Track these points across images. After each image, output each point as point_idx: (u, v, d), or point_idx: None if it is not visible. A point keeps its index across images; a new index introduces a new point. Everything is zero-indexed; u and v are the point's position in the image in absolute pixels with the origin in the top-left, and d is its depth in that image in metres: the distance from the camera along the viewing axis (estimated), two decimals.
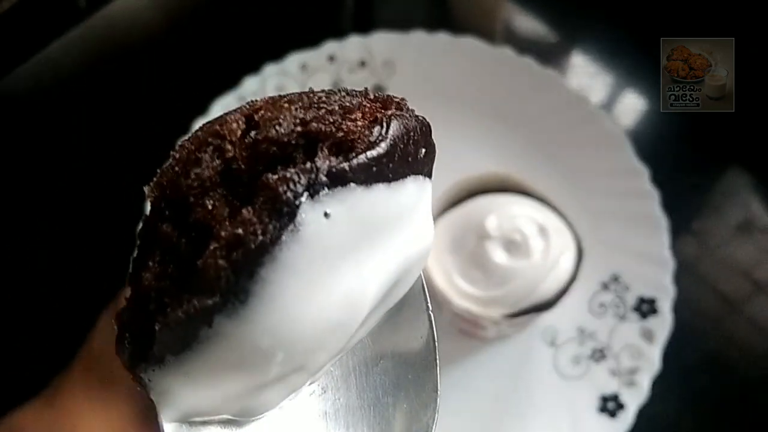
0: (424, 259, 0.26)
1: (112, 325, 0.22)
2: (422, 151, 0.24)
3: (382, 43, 0.74)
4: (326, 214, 0.20)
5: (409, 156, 0.23)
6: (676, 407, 0.59)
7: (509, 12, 0.87)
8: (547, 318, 0.59)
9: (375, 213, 0.22)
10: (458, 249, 0.55)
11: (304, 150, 0.21)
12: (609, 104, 0.76)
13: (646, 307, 0.60)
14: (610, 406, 0.56)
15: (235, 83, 0.70)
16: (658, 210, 0.62)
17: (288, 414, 0.26)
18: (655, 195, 0.63)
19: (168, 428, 0.23)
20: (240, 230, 0.19)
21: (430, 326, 0.28)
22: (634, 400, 0.56)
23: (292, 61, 0.72)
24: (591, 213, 0.64)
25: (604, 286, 0.62)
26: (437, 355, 0.28)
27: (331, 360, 0.24)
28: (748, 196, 0.71)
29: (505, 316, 0.53)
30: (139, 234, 0.22)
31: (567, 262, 0.54)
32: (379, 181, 0.22)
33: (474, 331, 0.59)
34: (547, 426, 0.57)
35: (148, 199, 0.22)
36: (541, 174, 0.64)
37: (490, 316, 0.53)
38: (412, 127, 0.23)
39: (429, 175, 0.25)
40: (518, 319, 0.54)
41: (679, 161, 0.71)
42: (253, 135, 0.21)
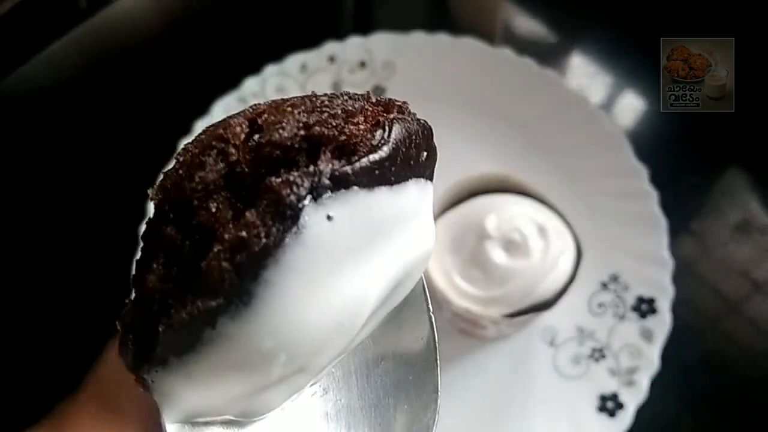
0: (426, 262, 0.26)
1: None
2: (424, 155, 0.24)
3: (382, 43, 0.74)
4: (329, 217, 0.20)
5: (411, 159, 0.23)
6: (675, 407, 0.59)
7: (509, 12, 0.87)
8: (547, 318, 0.60)
9: (377, 216, 0.22)
10: (458, 249, 0.55)
11: (307, 153, 0.21)
12: (608, 104, 0.76)
13: (646, 307, 0.60)
14: (609, 405, 0.57)
15: (236, 84, 0.71)
16: (657, 210, 0.62)
17: (290, 415, 0.26)
18: (654, 195, 0.63)
19: (171, 429, 0.23)
20: (243, 233, 0.19)
21: (430, 327, 0.28)
22: (634, 399, 0.56)
23: (293, 61, 0.72)
24: (590, 213, 0.64)
25: (604, 285, 0.62)
26: (438, 355, 0.28)
27: (332, 361, 0.25)
28: (748, 196, 0.71)
29: (505, 315, 0.53)
30: (143, 236, 0.22)
31: (566, 262, 0.54)
32: (382, 185, 0.22)
33: (474, 331, 0.59)
34: (547, 425, 0.57)
35: (151, 201, 0.22)
36: (540, 174, 0.64)
37: (489, 316, 0.53)
38: (414, 131, 0.23)
39: (430, 178, 0.25)
40: (518, 319, 0.54)
41: (679, 161, 0.71)
42: (256, 138, 0.21)
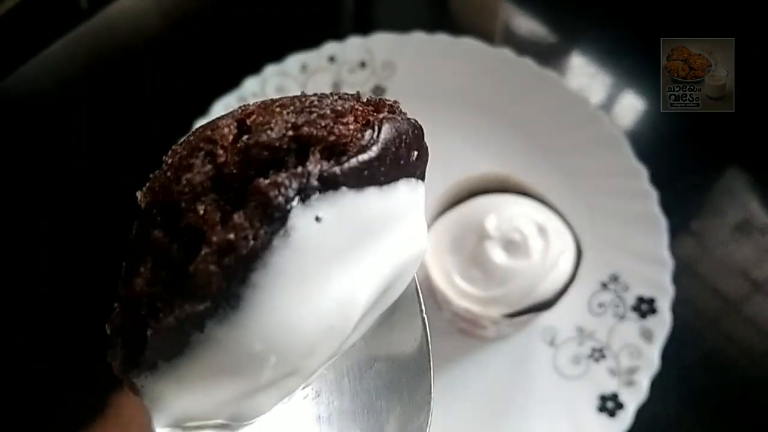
0: (418, 262, 0.26)
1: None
2: (414, 154, 0.24)
3: (382, 43, 0.74)
4: (317, 219, 0.20)
5: (401, 159, 0.23)
6: (675, 407, 0.59)
7: (509, 13, 0.87)
8: (547, 318, 0.60)
9: (366, 217, 0.22)
10: (458, 249, 0.55)
11: (296, 154, 0.21)
12: (608, 104, 0.76)
13: (646, 307, 0.60)
14: (609, 405, 0.56)
15: (236, 84, 0.71)
16: (657, 210, 0.62)
17: (281, 418, 0.26)
18: (654, 195, 0.63)
19: None
20: (231, 235, 0.19)
21: (423, 329, 0.28)
22: (634, 399, 0.56)
23: (293, 61, 0.72)
24: (590, 213, 0.64)
25: (604, 285, 0.62)
26: (431, 357, 0.28)
27: (324, 364, 0.24)
28: (747, 196, 0.71)
29: (505, 315, 0.53)
30: (131, 239, 0.22)
31: (566, 262, 0.54)
32: (371, 185, 0.22)
33: (474, 331, 0.59)
34: (547, 425, 0.57)
35: (140, 204, 0.22)
36: (540, 174, 0.64)
37: (489, 316, 0.53)
38: (404, 130, 0.23)
39: (422, 177, 0.25)
40: (518, 319, 0.54)
41: (679, 161, 0.71)
42: (245, 140, 0.21)
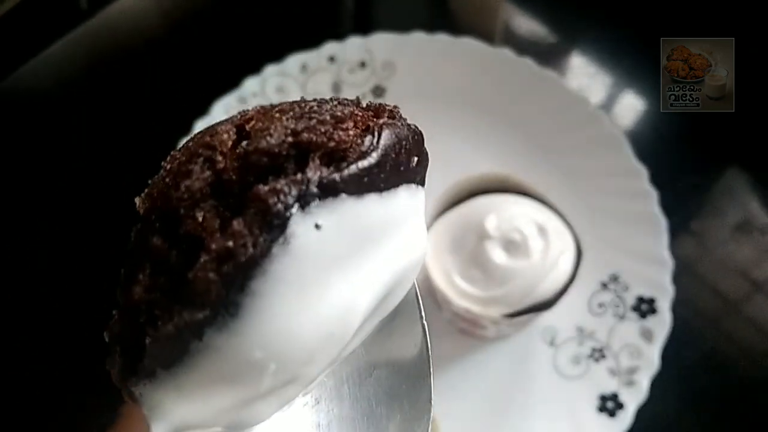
0: (418, 268, 0.26)
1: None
2: (414, 160, 0.24)
3: (382, 43, 0.74)
4: (317, 226, 0.20)
5: (401, 165, 0.23)
6: (675, 407, 0.59)
7: (509, 13, 0.87)
8: (547, 318, 0.60)
9: (366, 223, 0.21)
10: (458, 249, 0.55)
11: (296, 160, 0.21)
12: (608, 104, 0.76)
13: (646, 307, 0.60)
14: (609, 405, 0.56)
15: (236, 84, 0.71)
16: (657, 210, 0.62)
17: (281, 425, 0.25)
18: (654, 195, 0.63)
19: None
20: (230, 243, 0.19)
21: (424, 335, 0.28)
22: (634, 399, 0.56)
23: (293, 61, 0.72)
24: (590, 213, 0.64)
25: (604, 285, 0.62)
26: (431, 364, 0.27)
27: (323, 371, 0.24)
28: (747, 196, 0.71)
29: (505, 315, 0.53)
30: (130, 246, 0.22)
31: (566, 262, 0.54)
32: (371, 191, 0.21)
33: (474, 331, 0.59)
34: (547, 425, 0.57)
35: (139, 210, 0.22)
36: (540, 174, 0.64)
37: (489, 316, 0.53)
38: (404, 136, 0.23)
39: (422, 183, 0.25)
40: (518, 319, 0.54)
41: (679, 161, 0.71)
42: (244, 145, 0.21)
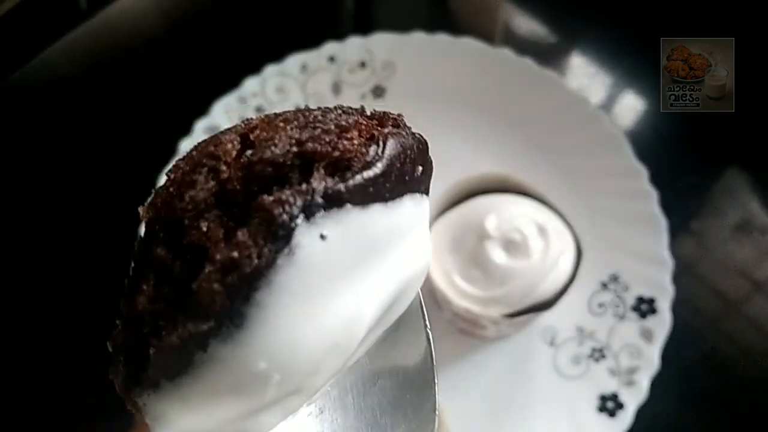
0: (423, 277, 0.25)
1: None
2: (419, 169, 0.24)
3: (382, 43, 0.74)
4: (322, 236, 0.20)
5: (406, 174, 0.23)
6: (675, 407, 0.59)
7: (509, 13, 0.87)
8: (547, 318, 0.60)
9: (371, 234, 0.21)
10: (458, 249, 0.55)
11: (300, 170, 0.21)
12: (608, 104, 0.76)
13: (646, 307, 0.60)
14: (609, 405, 0.56)
15: (236, 84, 0.71)
16: (657, 210, 0.62)
17: None
18: (654, 195, 0.63)
19: None
20: (235, 253, 0.19)
21: (428, 345, 0.27)
22: (634, 399, 0.56)
23: (293, 61, 0.72)
24: (590, 213, 0.64)
25: (604, 285, 0.62)
26: (435, 374, 0.27)
27: (327, 381, 0.24)
28: (748, 196, 0.71)
29: (505, 315, 0.53)
30: (134, 256, 0.22)
31: (566, 262, 0.54)
32: (376, 201, 0.21)
33: (474, 331, 0.59)
34: (547, 425, 0.57)
35: (142, 220, 0.22)
36: (540, 174, 0.64)
37: (489, 316, 0.53)
38: (409, 145, 0.23)
39: (426, 192, 0.25)
40: (518, 319, 0.54)
41: (679, 161, 0.71)
42: (248, 155, 0.21)
